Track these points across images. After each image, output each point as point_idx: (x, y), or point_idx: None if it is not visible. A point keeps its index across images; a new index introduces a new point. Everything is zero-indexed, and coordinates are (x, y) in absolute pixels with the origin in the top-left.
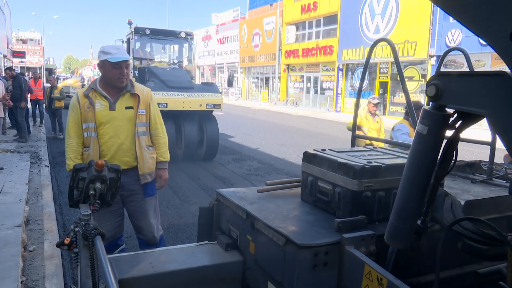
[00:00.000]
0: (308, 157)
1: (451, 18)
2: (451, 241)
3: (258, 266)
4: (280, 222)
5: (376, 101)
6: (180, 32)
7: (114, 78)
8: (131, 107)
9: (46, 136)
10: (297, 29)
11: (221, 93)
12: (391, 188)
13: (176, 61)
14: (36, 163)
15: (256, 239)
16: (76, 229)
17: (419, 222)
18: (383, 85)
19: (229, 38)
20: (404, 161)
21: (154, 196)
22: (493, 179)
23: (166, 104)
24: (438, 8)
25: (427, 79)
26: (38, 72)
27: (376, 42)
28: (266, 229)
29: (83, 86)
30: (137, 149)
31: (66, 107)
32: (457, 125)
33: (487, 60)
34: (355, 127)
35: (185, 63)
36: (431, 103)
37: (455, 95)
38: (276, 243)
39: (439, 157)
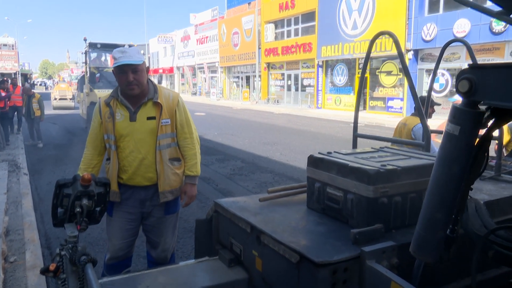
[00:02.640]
0: (314, 162)
1: (426, 12)
2: (476, 246)
3: (267, 285)
4: (290, 235)
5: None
6: (124, 45)
7: (122, 86)
8: (153, 118)
9: (24, 143)
10: (276, 27)
11: None
12: (407, 192)
13: None
14: (15, 172)
15: (263, 254)
16: (63, 252)
17: (447, 231)
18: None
19: (208, 38)
20: (418, 162)
21: (176, 213)
22: (502, 175)
23: None
24: (413, 2)
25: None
26: (14, 77)
27: (377, 35)
28: (275, 244)
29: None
30: (158, 164)
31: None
32: (489, 124)
33: (462, 53)
34: (356, 126)
35: None
36: (462, 99)
37: (492, 90)
38: (288, 260)
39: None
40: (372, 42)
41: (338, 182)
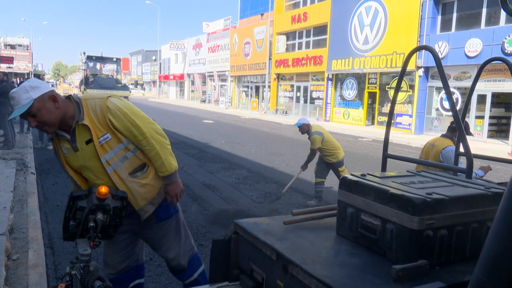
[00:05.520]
0: (347, 184)
1: (438, 30)
2: None
3: None
4: (322, 267)
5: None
6: (113, 57)
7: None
8: (91, 140)
9: (33, 146)
10: (287, 38)
11: (130, 91)
12: (454, 225)
13: (111, 73)
14: (22, 170)
15: (291, 287)
16: (73, 272)
17: None
18: (372, 95)
19: (220, 47)
20: (465, 191)
21: (172, 217)
22: None
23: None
24: (426, 20)
25: (415, 90)
26: (27, 77)
27: (415, 50)
28: (306, 276)
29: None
30: (119, 185)
31: None
32: None
33: (473, 72)
34: (386, 146)
35: (116, 75)
36: None
37: None
38: None
39: None
40: (409, 56)
41: (375, 209)
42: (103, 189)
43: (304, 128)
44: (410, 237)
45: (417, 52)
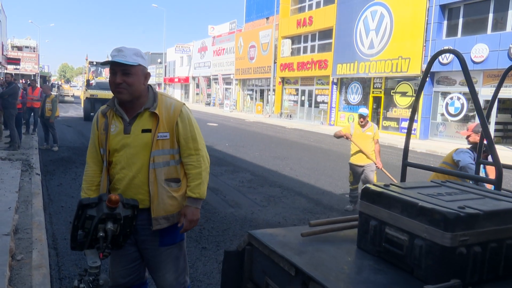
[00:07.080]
0: (370, 195)
1: (444, 35)
2: None
3: None
4: (346, 285)
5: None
6: None
7: (112, 89)
8: (149, 130)
9: (39, 147)
10: (292, 42)
11: None
12: (488, 242)
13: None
14: (27, 171)
15: None
16: (81, 285)
17: None
18: (377, 100)
19: (225, 50)
20: (499, 204)
21: (176, 244)
22: None
23: (97, 95)
24: (432, 25)
25: (420, 95)
26: (33, 79)
27: (439, 53)
28: None
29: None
30: (151, 185)
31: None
32: None
33: (479, 78)
34: (406, 154)
35: None
36: None
37: None
38: None
39: None
40: (433, 60)
41: (402, 223)
42: (114, 198)
43: (366, 118)
44: (441, 254)
45: (423, 57)
